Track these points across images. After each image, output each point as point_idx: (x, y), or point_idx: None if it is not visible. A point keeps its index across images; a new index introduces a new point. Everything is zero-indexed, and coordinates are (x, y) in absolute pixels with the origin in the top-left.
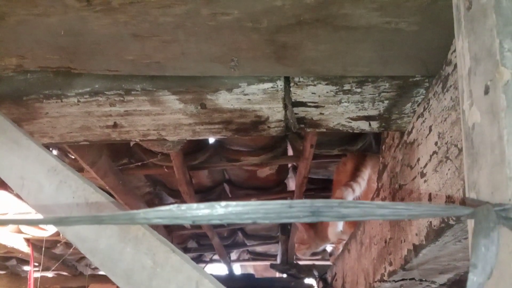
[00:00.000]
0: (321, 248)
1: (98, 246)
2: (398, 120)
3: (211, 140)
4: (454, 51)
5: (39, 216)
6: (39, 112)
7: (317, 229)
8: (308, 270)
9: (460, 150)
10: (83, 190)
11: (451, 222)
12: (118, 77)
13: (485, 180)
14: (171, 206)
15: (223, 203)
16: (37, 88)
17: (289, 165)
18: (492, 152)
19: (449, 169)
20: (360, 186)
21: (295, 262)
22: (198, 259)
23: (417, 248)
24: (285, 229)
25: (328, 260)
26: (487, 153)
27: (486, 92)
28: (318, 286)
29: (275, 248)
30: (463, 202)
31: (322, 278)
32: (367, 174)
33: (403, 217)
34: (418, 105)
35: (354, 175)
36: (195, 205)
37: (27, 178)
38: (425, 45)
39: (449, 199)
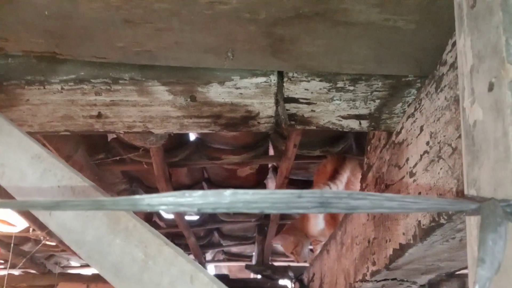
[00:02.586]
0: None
1: (85, 238)
2: (387, 120)
3: (192, 137)
4: (450, 51)
5: (32, 199)
6: (19, 98)
7: (295, 229)
8: (283, 271)
9: (454, 150)
10: (69, 178)
11: (442, 221)
12: (106, 65)
13: (487, 176)
14: (175, 193)
15: (230, 191)
16: (18, 73)
17: (269, 166)
18: (495, 149)
19: (441, 168)
20: (337, 187)
21: (270, 263)
22: None
23: (403, 248)
24: (262, 230)
25: (304, 262)
26: (490, 150)
27: (491, 89)
28: (294, 287)
29: (251, 249)
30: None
31: (298, 279)
32: (345, 177)
33: (411, 211)
34: (408, 106)
35: (333, 177)
36: (201, 192)
37: (8, 166)
38: (420, 45)
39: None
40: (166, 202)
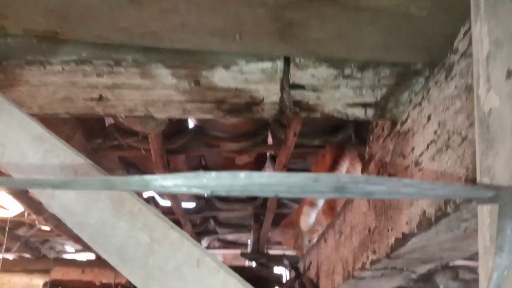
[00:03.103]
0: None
1: (88, 221)
2: (393, 109)
3: (191, 124)
4: (462, 39)
5: (41, 177)
6: (18, 79)
7: (293, 223)
8: (278, 260)
9: (464, 139)
10: (72, 160)
11: (449, 210)
12: (108, 46)
13: (502, 165)
14: (188, 174)
15: (245, 173)
16: (18, 53)
17: (267, 155)
18: None
19: (449, 158)
20: None
21: (265, 251)
22: None
23: (406, 237)
24: (258, 218)
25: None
26: (506, 138)
27: (509, 76)
28: (290, 275)
29: (246, 237)
30: None
31: (294, 267)
32: (344, 167)
33: (428, 196)
34: (415, 95)
35: (332, 168)
36: (214, 173)
37: (8, 146)
38: (431, 33)
39: None
40: (179, 183)
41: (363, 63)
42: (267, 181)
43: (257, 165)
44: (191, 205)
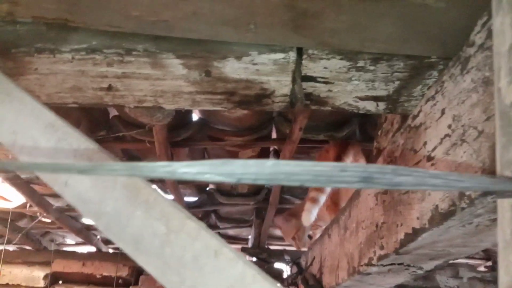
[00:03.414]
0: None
1: (103, 209)
2: (405, 103)
3: (195, 117)
4: (479, 32)
5: (67, 163)
6: (27, 67)
7: (296, 216)
8: (279, 255)
9: (480, 132)
10: (85, 148)
11: (463, 205)
12: (119, 34)
13: None
14: (215, 161)
15: (272, 161)
16: (28, 40)
17: (271, 149)
18: None
19: (464, 152)
20: None
21: (266, 246)
22: None
23: (417, 232)
24: (260, 213)
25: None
26: None
27: None
28: (291, 271)
29: (247, 232)
30: None
31: (295, 263)
32: (348, 162)
33: (455, 188)
34: (428, 88)
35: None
36: (241, 161)
37: (20, 133)
38: (447, 25)
39: None
40: (205, 171)
41: (377, 55)
42: (293, 170)
43: (261, 159)
44: (193, 199)
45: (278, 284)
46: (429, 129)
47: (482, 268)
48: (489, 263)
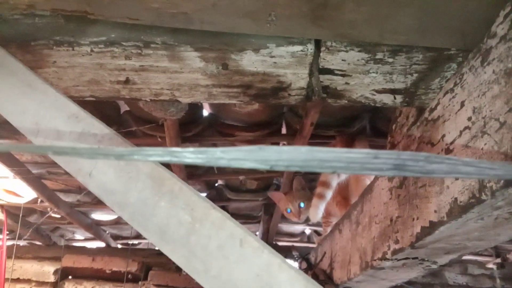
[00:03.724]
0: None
1: (128, 200)
2: (422, 96)
3: (205, 112)
4: (501, 23)
5: (106, 147)
6: (46, 60)
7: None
8: (287, 251)
9: (502, 124)
10: (109, 139)
11: (483, 197)
12: (137, 27)
13: None
14: (250, 147)
15: (306, 147)
16: (47, 33)
17: (280, 145)
18: None
19: (485, 144)
20: None
21: (274, 242)
22: None
23: (434, 225)
24: (268, 209)
25: (305, 242)
26: None
27: None
28: (300, 267)
29: (255, 228)
30: None
31: (305, 259)
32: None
33: (487, 176)
34: (447, 81)
35: None
36: (275, 147)
37: (43, 124)
38: (468, 16)
39: None
40: (241, 157)
41: (396, 47)
42: (326, 157)
43: None
44: (202, 195)
45: (304, 274)
46: (448, 121)
47: (491, 265)
48: (498, 260)
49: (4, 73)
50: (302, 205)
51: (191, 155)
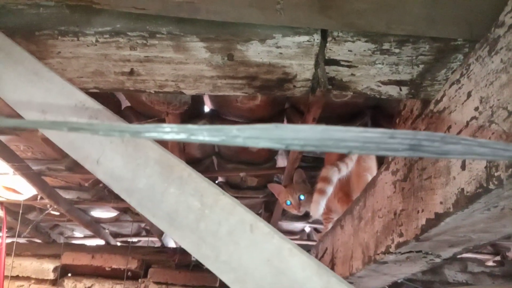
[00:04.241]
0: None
1: (136, 186)
2: (428, 88)
3: (206, 108)
4: (510, 11)
5: (121, 123)
6: (50, 50)
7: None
8: None
9: (510, 113)
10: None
11: (491, 186)
12: (143, 17)
13: None
14: (265, 125)
15: (322, 126)
16: (51, 23)
17: None
18: None
19: (493, 133)
20: (347, 167)
21: None
22: None
23: (440, 217)
24: (269, 206)
25: (305, 240)
26: None
27: None
28: None
29: None
30: None
31: None
32: (355, 154)
33: (502, 158)
34: (452, 72)
35: (343, 155)
36: (291, 126)
37: (50, 112)
38: (475, 6)
39: (491, 163)
40: (257, 135)
41: (403, 37)
42: (342, 136)
43: (271, 151)
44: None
45: (315, 258)
46: (454, 113)
47: (490, 263)
48: (498, 258)
49: (11, 62)
50: (302, 197)
51: (206, 132)
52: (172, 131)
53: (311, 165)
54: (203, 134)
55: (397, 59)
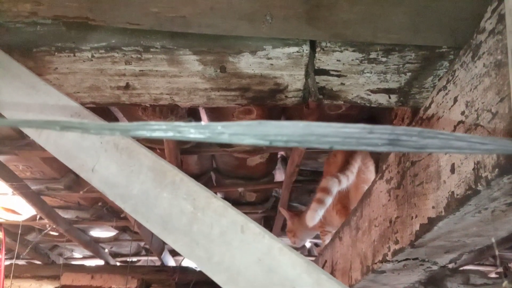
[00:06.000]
0: (305, 239)
1: (130, 192)
2: (416, 95)
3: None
4: (489, 18)
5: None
6: (47, 67)
7: (300, 216)
8: None
9: (494, 114)
10: (111, 136)
11: (479, 187)
12: (137, 32)
13: None
14: (250, 122)
15: (304, 122)
16: (48, 40)
17: (278, 156)
18: None
19: (479, 135)
20: (348, 179)
21: None
22: None
23: (433, 221)
24: (268, 221)
25: (306, 255)
26: None
27: None
28: None
29: None
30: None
31: None
32: (356, 167)
33: (479, 151)
34: (439, 79)
35: (344, 168)
36: (275, 122)
37: None
38: (458, 14)
39: (478, 165)
40: (242, 132)
41: (389, 46)
42: (324, 131)
43: (269, 166)
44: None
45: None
46: (442, 118)
47: (493, 275)
48: (500, 269)
49: (9, 77)
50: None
51: (193, 130)
52: (159, 129)
53: (309, 178)
54: (189, 131)
55: (384, 67)
